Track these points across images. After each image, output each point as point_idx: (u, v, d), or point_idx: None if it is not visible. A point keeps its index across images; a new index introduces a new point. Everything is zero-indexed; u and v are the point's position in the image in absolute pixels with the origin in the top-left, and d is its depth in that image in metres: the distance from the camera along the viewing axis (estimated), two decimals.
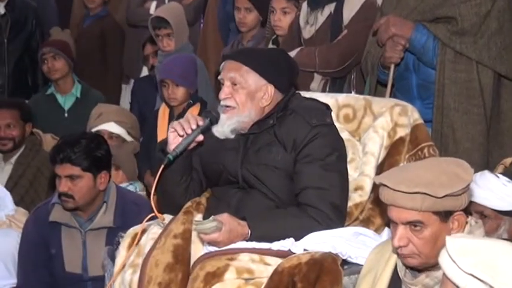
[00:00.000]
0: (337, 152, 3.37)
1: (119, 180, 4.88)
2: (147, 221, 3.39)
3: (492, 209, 3.50)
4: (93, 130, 5.24)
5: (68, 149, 4.03)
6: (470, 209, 3.47)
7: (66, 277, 4.16)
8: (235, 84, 3.39)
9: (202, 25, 6.52)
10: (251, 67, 3.39)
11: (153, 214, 3.42)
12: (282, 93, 3.45)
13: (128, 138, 5.30)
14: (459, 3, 3.95)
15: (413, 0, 4.06)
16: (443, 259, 2.39)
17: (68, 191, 4.04)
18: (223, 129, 3.39)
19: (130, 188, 4.91)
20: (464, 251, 2.31)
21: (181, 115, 5.13)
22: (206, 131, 3.38)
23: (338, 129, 3.53)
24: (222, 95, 3.40)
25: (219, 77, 3.48)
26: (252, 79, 3.39)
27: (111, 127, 5.27)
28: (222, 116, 3.39)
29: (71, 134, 4.22)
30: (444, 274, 2.38)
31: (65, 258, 4.16)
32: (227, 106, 3.40)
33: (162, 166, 3.31)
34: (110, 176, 4.19)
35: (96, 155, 4.09)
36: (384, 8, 4.25)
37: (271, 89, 3.41)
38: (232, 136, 3.41)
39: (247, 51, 3.90)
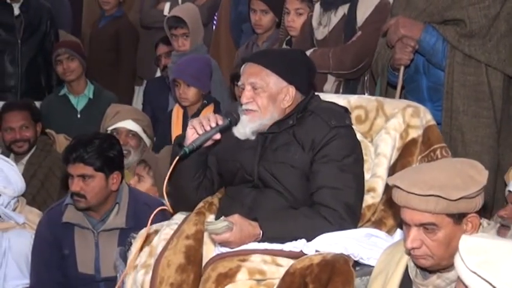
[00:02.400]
0: (355, 154, 3.38)
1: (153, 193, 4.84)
2: (156, 213, 3.40)
3: None
4: (110, 128, 5.26)
5: (81, 149, 4.05)
6: (510, 199, 3.42)
7: (78, 278, 4.17)
8: (256, 88, 3.39)
9: (214, 26, 6.52)
10: (272, 69, 3.40)
11: (161, 208, 3.46)
12: (302, 94, 3.47)
13: (144, 136, 5.32)
14: (468, 5, 3.93)
15: (422, 2, 4.04)
16: (456, 257, 2.39)
17: (80, 191, 4.06)
18: (245, 130, 3.41)
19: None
20: (473, 250, 2.31)
21: (195, 115, 5.15)
22: (224, 130, 3.41)
23: None
24: (243, 100, 3.41)
25: (239, 83, 3.49)
26: (273, 82, 3.40)
27: (129, 124, 5.28)
28: (244, 118, 3.41)
29: (84, 134, 4.24)
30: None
31: (78, 259, 4.17)
32: (248, 109, 3.41)
33: (177, 158, 3.33)
34: (122, 177, 4.20)
35: (109, 155, 4.11)
36: (393, 9, 4.25)
37: (292, 90, 3.42)
38: (253, 137, 3.43)
39: (267, 53, 3.86)
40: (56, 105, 6.06)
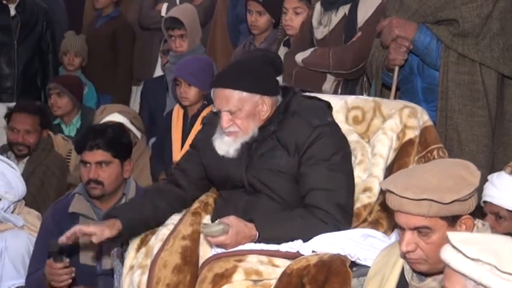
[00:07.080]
0: (342, 150, 3.37)
1: None
2: None
3: (508, 210, 3.48)
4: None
5: (98, 136, 4.13)
6: (486, 209, 3.45)
7: (79, 269, 4.14)
8: (232, 113, 3.35)
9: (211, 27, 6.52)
10: (240, 89, 3.35)
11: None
12: (277, 95, 3.43)
13: (132, 127, 5.34)
14: (460, 5, 3.93)
15: (415, 3, 4.04)
16: (446, 252, 2.36)
17: (97, 177, 4.11)
18: (228, 149, 3.38)
19: None
20: (468, 241, 2.30)
21: (195, 116, 5.16)
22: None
23: (347, 130, 3.54)
24: (224, 124, 3.35)
25: (214, 109, 3.43)
26: (245, 100, 3.35)
27: (116, 117, 5.32)
28: (227, 139, 3.37)
29: (95, 124, 4.33)
30: (448, 267, 2.35)
31: (80, 250, 4.17)
32: (231, 131, 3.38)
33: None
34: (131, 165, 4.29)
35: (123, 141, 4.23)
36: (387, 11, 4.23)
37: (267, 99, 3.39)
38: (235, 155, 3.39)
39: (230, 72, 3.54)
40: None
